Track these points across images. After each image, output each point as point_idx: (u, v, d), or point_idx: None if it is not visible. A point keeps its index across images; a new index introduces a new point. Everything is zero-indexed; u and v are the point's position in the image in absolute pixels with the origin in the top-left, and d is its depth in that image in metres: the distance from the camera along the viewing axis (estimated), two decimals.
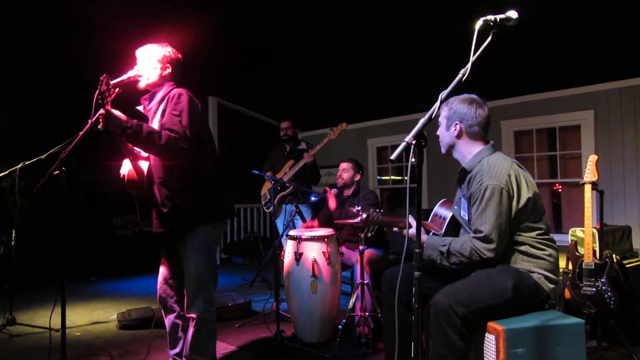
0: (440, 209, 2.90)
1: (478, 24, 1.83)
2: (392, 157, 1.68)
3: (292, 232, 4.00)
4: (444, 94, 1.79)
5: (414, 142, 1.72)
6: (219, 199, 2.88)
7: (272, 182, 4.42)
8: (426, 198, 7.43)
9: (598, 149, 5.80)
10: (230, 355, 3.64)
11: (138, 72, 2.78)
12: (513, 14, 1.86)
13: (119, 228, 7.46)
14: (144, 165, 2.76)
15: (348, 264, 4.37)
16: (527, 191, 2.42)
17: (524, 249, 2.44)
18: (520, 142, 6.67)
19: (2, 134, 6.10)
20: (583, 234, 3.54)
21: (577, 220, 3.59)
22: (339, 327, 3.62)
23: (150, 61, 2.82)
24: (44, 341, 3.82)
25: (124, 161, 2.78)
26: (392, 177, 8.45)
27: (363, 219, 2.97)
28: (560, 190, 6.44)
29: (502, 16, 1.85)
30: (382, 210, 3.01)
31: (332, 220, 4.52)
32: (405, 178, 8.15)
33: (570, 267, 3.60)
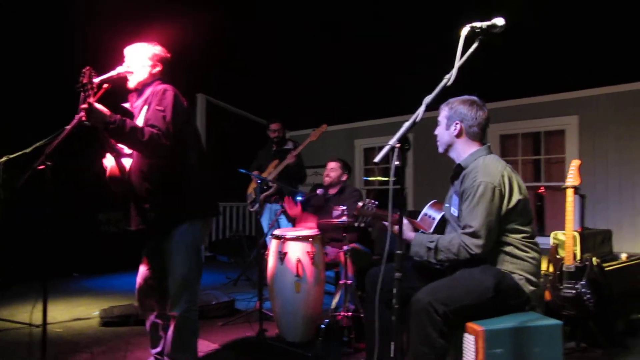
0: (430, 210, 2.93)
1: (465, 30, 1.85)
2: (376, 159, 1.70)
3: (276, 232, 4.00)
4: (429, 98, 1.81)
5: (398, 145, 1.74)
6: (205, 197, 2.87)
7: (258, 182, 4.43)
8: (412, 200, 7.48)
9: (582, 153, 5.88)
10: (212, 354, 3.63)
11: (128, 68, 2.77)
12: (499, 21, 1.88)
13: (105, 224, 7.41)
14: (127, 162, 2.75)
15: (332, 264, 4.38)
16: (518, 193, 2.45)
17: (509, 250, 2.47)
18: (506, 145, 6.74)
19: None
20: (564, 237, 3.59)
21: (560, 224, 3.63)
22: (322, 326, 3.63)
23: (140, 59, 2.80)
24: (25, 337, 3.78)
25: (107, 158, 2.76)
26: (379, 178, 8.49)
27: (359, 207, 2.99)
28: (544, 193, 6.52)
29: (488, 23, 1.88)
30: (376, 202, 3.01)
31: (319, 211, 4.54)
32: (381, 178, 8.22)
33: (551, 269, 3.64)
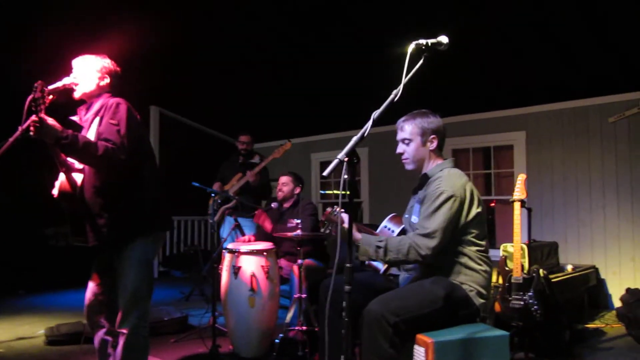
0: (389, 223, 2.93)
1: (410, 47, 1.91)
2: (325, 173, 1.72)
3: (229, 245, 3.97)
4: (376, 113, 1.85)
5: (346, 159, 1.77)
6: (157, 211, 2.82)
7: (212, 195, 4.40)
8: (367, 213, 7.57)
9: (529, 168, 6.09)
10: None
11: (74, 79, 2.71)
12: (444, 38, 1.95)
13: (52, 239, 7.15)
14: (77, 177, 2.67)
15: (286, 278, 4.37)
16: (477, 207, 2.52)
17: (464, 261, 2.52)
18: (459, 159, 6.90)
19: None
20: (513, 249, 3.69)
21: (509, 236, 3.74)
22: (276, 341, 3.61)
23: (88, 71, 2.74)
24: None
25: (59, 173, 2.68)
26: (335, 192, 8.54)
27: (327, 213, 3.00)
28: (494, 206, 6.70)
29: (433, 40, 1.94)
30: (343, 210, 3.01)
31: (275, 224, 4.54)
32: (338, 192, 8.24)
33: (500, 281, 3.74)
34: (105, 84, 2.80)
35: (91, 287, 2.86)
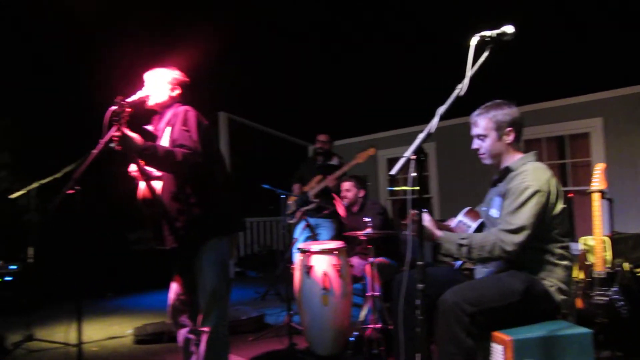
0: (465, 217, 2.87)
1: (474, 40, 1.87)
2: (392, 172, 1.73)
3: (301, 245, 4.04)
4: (442, 109, 1.83)
5: (414, 157, 1.76)
6: (230, 212, 2.93)
7: (288, 196, 4.42)
8: (438, 209, 7.46)
9: (608, 156, 5.78)
10: None
11: (148, 92, 2.87)
12: (509, 28, 1.90)
13: (135, 243, 7.54)
14: (157, 184, 2.83)
15: (358, 276, 4.39)
16: (562, 202, 2.45)
17: (545, 257, 2.45)
18: (531, 150, 6.65)
19: (19, 153, 6.24)
20: (594, 242, 3.53)
21: (589, 229, 3.58)
22: (351, 339, 3.64)
23: (160, 83, 2.91)
24: (62, 356, 3.89)
25: (140, 182, 2.84)
26: (402, 188, 8.45)
27: (413, 214, 2.99)
28: (571, 197, 6.40)
29: (497, 31, 1.89)
30: (426, 210, 2.97)
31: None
32: (406, 188, 8.15)
33: (581, 276, 3.58)
34: (177, 95, 2.96)
35: (174, 288, 3.01)
